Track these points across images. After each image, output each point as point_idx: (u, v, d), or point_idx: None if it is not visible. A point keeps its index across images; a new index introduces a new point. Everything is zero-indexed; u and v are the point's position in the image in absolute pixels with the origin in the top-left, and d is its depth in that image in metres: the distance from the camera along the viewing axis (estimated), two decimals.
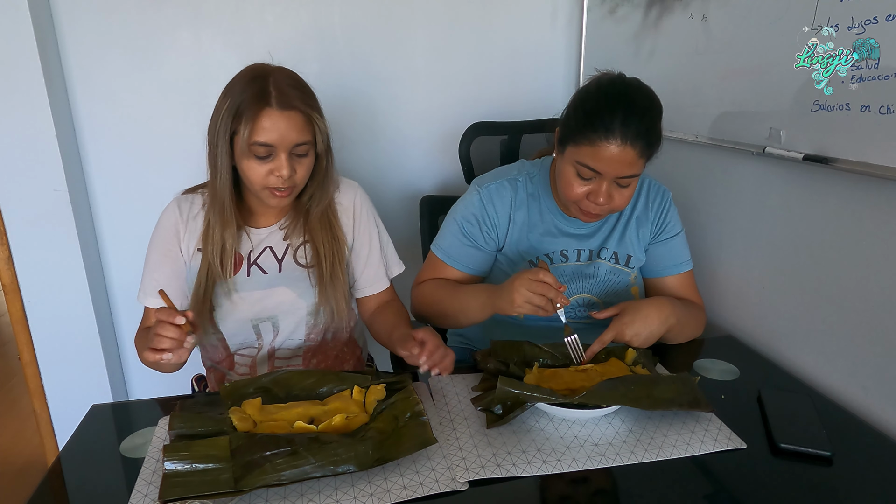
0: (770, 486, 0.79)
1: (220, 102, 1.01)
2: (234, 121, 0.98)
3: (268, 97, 0.97)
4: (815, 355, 1.11)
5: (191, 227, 1.11)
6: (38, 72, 1.49)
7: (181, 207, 1.12)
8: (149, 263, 1.13)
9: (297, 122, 1.00)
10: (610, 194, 1.02)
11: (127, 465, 0.84)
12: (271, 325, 1.13)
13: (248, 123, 0.97)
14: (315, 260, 1.13)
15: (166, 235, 1.11)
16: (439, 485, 0.78)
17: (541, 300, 0.96)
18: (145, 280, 1.12)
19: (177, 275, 1.11)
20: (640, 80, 1.02)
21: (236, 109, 0.98)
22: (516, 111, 1.81)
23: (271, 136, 0.98)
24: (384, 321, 1.16)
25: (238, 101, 0.98)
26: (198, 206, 1.12)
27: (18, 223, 1.59)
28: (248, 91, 0.98)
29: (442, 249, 1.19)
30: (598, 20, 1.74)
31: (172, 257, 1.11)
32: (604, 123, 0.96)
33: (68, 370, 1.72)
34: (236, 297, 1.10)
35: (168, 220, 1.12)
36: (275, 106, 0.97)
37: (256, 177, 1.01)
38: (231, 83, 1.02)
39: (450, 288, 1.15)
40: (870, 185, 0.98)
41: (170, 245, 1.11)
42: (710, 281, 1.38)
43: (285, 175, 1.00)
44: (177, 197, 1.15)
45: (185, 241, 1.11)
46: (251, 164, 1.00)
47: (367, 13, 1.71)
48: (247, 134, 0.97)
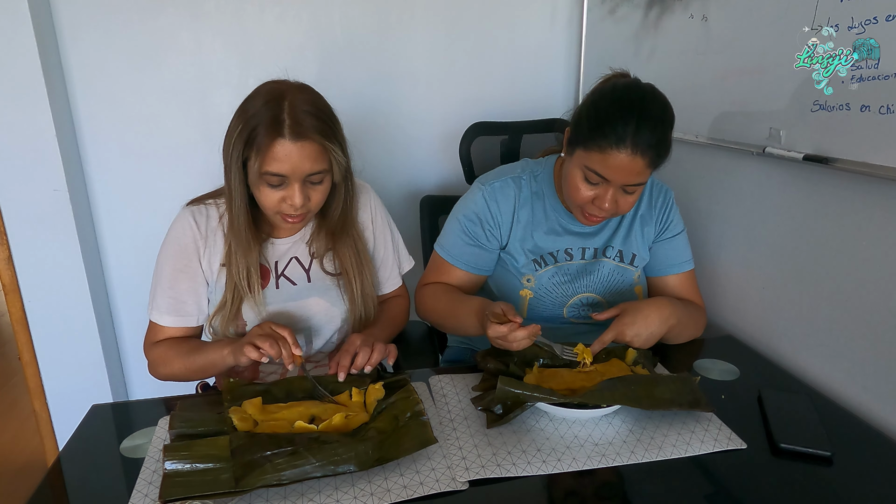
0: (770, 486, 0.79)
1: (234, 125, 0.97)
2: (245, 147, 0.95)
3: (281, 126, 0.93)
4: (815, 355, 1.11)
5: (210, 242, 1.07)
6: (38, 72, 1.49)
7: (197, 221, 1.07)
8: (163, 278, 1.07)
9: (311, 151, 0.96)
10: (615, 200, 1.02)
11: (127, 465, 0.84)
12: (304, 336, 1.12)
13: (261, 153, 0.94)
14: (342, 268, 1.12)
15: (184, 251, 1.07)
16: (439, 484, 0.78)
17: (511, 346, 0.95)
18: (159, 295, 1.07)
19: (195, 290, 1.08)
20: (655, 87, 1.01)
21: (248, 136, 0.95)
22: (516, 111, 1.81)
23: (283, 166, 0.95)
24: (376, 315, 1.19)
25: (251, 126, 0.94)
26: (214, 220, 1.08)
27: (18, 223, 1.59)
28: (261, 117, 0.94)
29: (445, 249, 1.19)
30: (598, 20, 1.74)
31: (191, 273, 1.07)
32: (616, 132, 0.95)
33: (68, 370, 1.72)
34: (266, 311, 1.08)
35: (184, 234, 1.07)
36: (287, 136, 0.93)
37: (269, 203, 0.99)
38: (246, 104, 0.98)
39: (448, 299, 1.15)
40: (870, 185, 0.98)
41: (188, 261, 1.07)
42: (711, 281, 1.38)
43: (297, 204, 0.98)
44: (189, 209, 1.09)
45: (207, 258, 1.07)
46: (264, 191, 0.98)
47: (367, 13, 1.72)
48: (258, 164, 0.94)
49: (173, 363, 1.05)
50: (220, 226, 1.08)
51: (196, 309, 1.09)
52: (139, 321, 1.84)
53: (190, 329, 1.10)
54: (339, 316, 1.14)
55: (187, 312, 1.08)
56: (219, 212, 1.09)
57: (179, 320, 1.08)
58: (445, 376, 1.05)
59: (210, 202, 1.10)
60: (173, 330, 1.09)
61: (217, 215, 1.09)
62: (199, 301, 1.09)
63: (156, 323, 1.08)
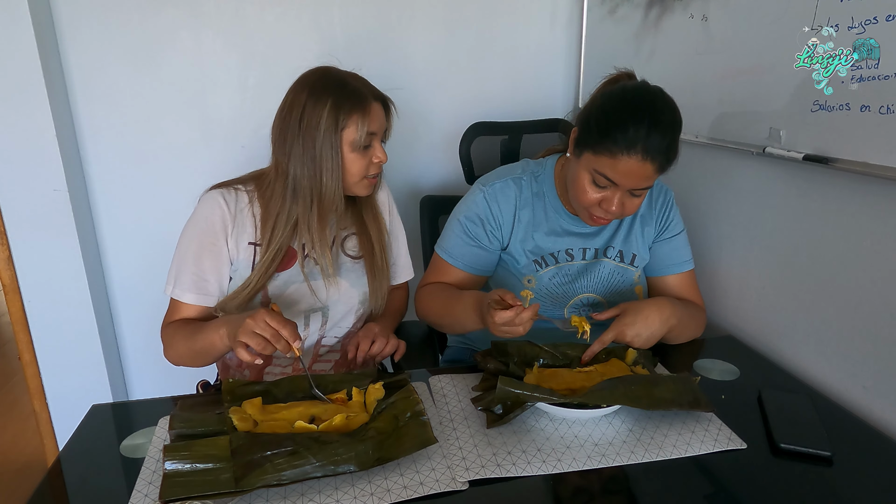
0: (770, 486, 0.79)
1: (315, 107, 1.04)
2: (342, 117, 1.04)
3: (364, 92, 1.07)
4: (815, 355, 1.11)
5: (238, 222, 1.10)
6: (38, 72, 1.49)
7: (227, 201, 1.10)
8: (187, 255, 1.09)
9: (382, 110, 1.12)
10: (622, 203, 1.02)
11: (127, 465, 0.84)
12: (321, 314, 1.15)
13: (364, 116, 1.05)
14: (366, 249, 1.18)
15: (211, 229, 1.09)
16: (439, 484, 0.78)
17: (514, 330, 0.95)
18: (182, 272, 1.09)
19: (218, 270, 1.10)
20: (663, 90, 1.00)
21: (342, 106, 1.04)
22: (516, 111, 1.81)
23: (374, 125, 1.07)
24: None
25: (340, 98, 1.04)
26: (244, 202, 1.11)
27: (18, 223, 1.59)
28: (345, 90, 1.05)
29: (445, 250, 1.19)
30: (598, 20, 1.74)
31: (215, 251, 1.09)
32: (627, 137, 0.95)
33: (68, 370, 1.72)
34: (293, 288, 1.12)
35: (213, 213, 1.09)
36: (371, 97, 1.08)
37: (359, 168, 1.09)
38: (314, 89, 1.06)
39: (446, 297, 1.14)
40: (870, 185, 0.98)
41: (214, 238, 1.09)
42: (710, 281, 1.38)
43: (385, 159, 1.11)
44: (217, 190, 1.12)
45: (234, 237, 1.10)
46: (354, 158, 1.07)
47: (367, 13, 1.72)
48: (363, 126, 1.05)
49: (179, 345, 1.07)
50: (248, 207, 1.11)
51: (217, 289, 1.11)
52: (139, 321, 1.85)
53: (206, 310, 1.12)
54: (356, 297, 1.18)
55: (208, 291, 1.10)
56: (248, 195, 1.12)
57: (200, 298, 1.09)
58: (445, 376, 1.05)
59: (238, 186, 1.13)
60: (191, 309, 1.10)
61: (246, 198, 1.12)
62: (221, 281, 1.11)
63: (176, 301, 1.10)
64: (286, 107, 1.07)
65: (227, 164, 1.73)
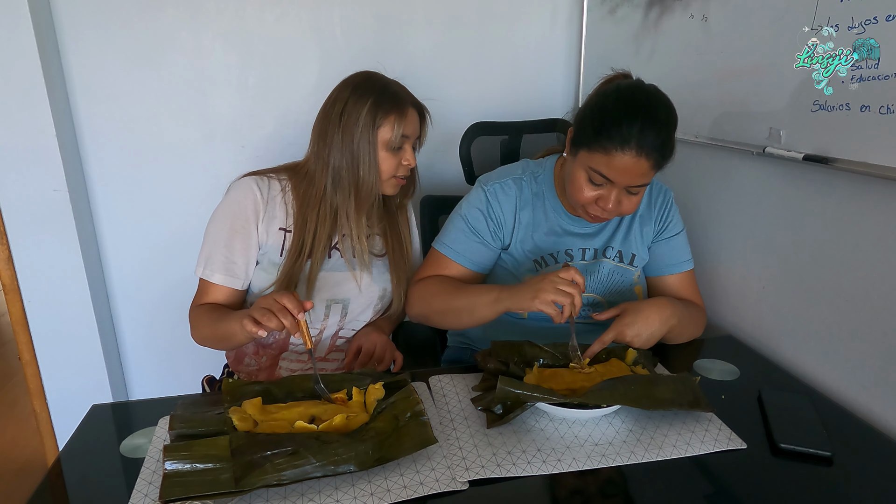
0: (770, 486, 0.79)
1: (356, 104, 1.10)
2: (379, 116, 1.10)
3: (403, 97, 1.13)
4: (815, 355, 1.11)
5: (269, 209, 1.15)
6: (38, 72, 1.49)
7: (260, 188, 1.14)
8: (218, 237, 1.13)
9: (418, 118, 1.18)
10: (619, 201, 1.02)
11: (127, 465, 0.84)
12: (342, 306, 1.18)
13: (401, 118, 1.11)
14: (392, 245, 1.23)
15: (244, 212, 1.13)
16: (439, 484, 0.78)
17: (566, 300, 0.95)
18: (214, 253, 1.13)
19: (247, 253, 1.14)
20: (658, 88, 1.01)
21: (381, 106, 1.10)
22: (516, 111, 1.81)
23: (409, 129, 1.13)
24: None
25: (380, 99, 1.10)
26: (276, 189, 1.16)
27: (18, 223, 1.59)
28: (386, 92, 1.11)
29: (446, 245, 1.18)
30: (598, 20, 1.74)
31: (245, 234, 1.13)
32: (620, 134, 0.95)
33: (68, 370, 1.72)
34: (320, 276, 1.15)
35: (246, 197, 1.13)
36: (409, 103, 1.14)
37: (389, 167, 1.14)
38: (357, 87, 1.11)
39: (454, 285, 1.13)
40: (870, 185, 0.98)
41: (245, 222, 1.13)
42: (710, 281, 1.38)
43: (414, 163, 1.17)
44: (250, 177, 1.16)
45: (265, 222, 1.14)
46: (386, 157, 1.12)
47: (367, 13, 1.72)
48: (400, 129, 1.11)
49: (204, 328, 1.10)
50: (280, 195, 1.16)
51: (244, 272, 1.15)
52: (139, 321, 1.85)
53: (235, 293, 1.16)
54: (376, 293, 1.21)
55: (236, 274, 1.14)
56: (281, 184, 1.17)
57: (228, 280, 1.13)
58: (445, 376, 1.05)
59: (272, 175, 1.18)
60: (219, 292, 1.14)
61: (279, 187, 1.17)
62: (248, 265, 1.15)
63: (205, 282, 1.14)
64: (330, 102, 1.13)
65: (227, 164, 1.73)
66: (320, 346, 1.20)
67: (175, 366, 1.88)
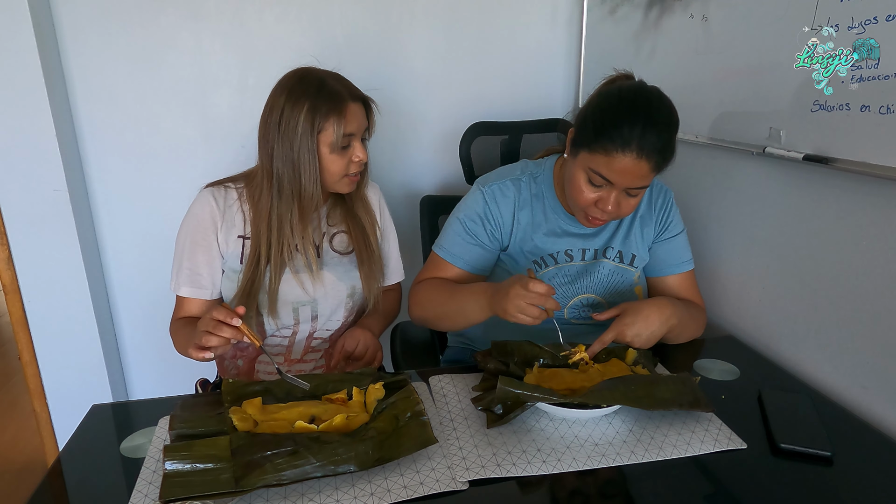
0: (770, 486, 0.79)
1: (293, 110, 1.06)
2: (318, 120, 1.06)
3: (341, 94, 1.07)
4: (815, 355, 1.11)
5: (227, 218, 1.15)
6: (38, 72, 1.49)
7: (216, 199, 1.15)
8: (182, 251, 1.15)
9: (362, 110, 1.12)
10: (618, 202, 1.02)
11: (127, 465, 0.84)
12: (310, 308, 1.18)
13: (340, 118, 1.06)
14: (357, 242, 1.21)
15: (202, 225, 1.14)
16: (439, 484, 0.78)
17: (533, 311, 0.95)
18: (180, 268, 1.15)
19: (210, 263, 1.15)
20: (660, 90, 1.01)
21: (318, 109, 1.05)
22: (516, 111, 1.81)
23: (352, 126, 1.09)
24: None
25: (317, 101, 1.06)
26: (233, 198, 1.16)
27: (18, 223, 1.59)
28: (322, 92, 1.06)
29: (444, 248, 1.19)
30: (598, 20, 1.74)
31: (206, 245, 1.14)
32: (621, 135, 0.95)
33: (68, 370, 1.72)
34: (283, 280, 1.15)
35: (203, 209, 1.15)
36: (349, 99, 1.08)
37: (338, 168, 1.11)
38: (292, 92, 1.07)
39: (448, 288, 1.14)
40: (870, 185, 0.98)
41: (205, 234, 1.14)
42: (711, 281, 1.38)
43: (365, 158, 1.13)
44: (208, 189, 1.17)
45: (224, 231, 1.15)
46: (333, 158, 1.09)
47: (367, 13, 1.71)
48: (341, 129, 1.07)
49: (178, 346, 1.11)
50: (237, 203, 1.16)
51: (210, 282, 1.16)
52: (139, 321, 1.85)
53: (207, 303, 1.17)
54: (344, 291, 1.20)
55: (202, 285, 1.15)
56: (237, 192, 1.17)
57: (196, 292, 1.15)
58: (445, 376, 1.05)
59: (229, 185, 1.18)
60: (193, 304, 1.16)
61: (235, 195, 1.17)
62: (214, 274, 1.16)
63: (179, 297, 1.16)
64: (267, 109, 1.10)
65: (227, 163, 1.73)
66: (295, 347, 1.20)
67: (175, 366, 1.86)
